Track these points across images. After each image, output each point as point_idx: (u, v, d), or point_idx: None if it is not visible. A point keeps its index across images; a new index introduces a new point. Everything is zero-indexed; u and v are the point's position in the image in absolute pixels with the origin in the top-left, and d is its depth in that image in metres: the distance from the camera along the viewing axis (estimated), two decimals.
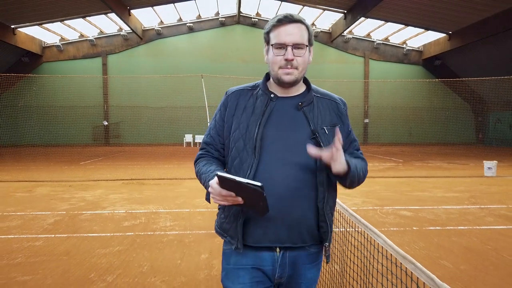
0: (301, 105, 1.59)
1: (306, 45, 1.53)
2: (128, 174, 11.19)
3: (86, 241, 4.88)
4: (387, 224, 5.70)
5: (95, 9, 20.63)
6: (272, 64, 1.56)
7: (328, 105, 1.66)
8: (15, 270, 3.89)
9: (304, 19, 1.56)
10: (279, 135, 1.53)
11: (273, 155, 1.51)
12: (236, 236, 1.53)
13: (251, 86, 1.69)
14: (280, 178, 1.48)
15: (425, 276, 1.37)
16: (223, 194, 1.31)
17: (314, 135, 1.54)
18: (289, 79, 1.54)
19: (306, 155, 1.47)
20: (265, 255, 1.55)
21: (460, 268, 3.96)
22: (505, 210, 6.63)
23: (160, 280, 3.65)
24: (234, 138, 1.58)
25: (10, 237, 5.04)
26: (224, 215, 1.62)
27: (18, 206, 6.96)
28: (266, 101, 1.58)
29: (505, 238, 5.00)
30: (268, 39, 1.58)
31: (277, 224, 1.50)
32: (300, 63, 1.53)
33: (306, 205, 1.52)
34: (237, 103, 1.64)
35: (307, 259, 1.61)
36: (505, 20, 18.13)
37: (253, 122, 1.55)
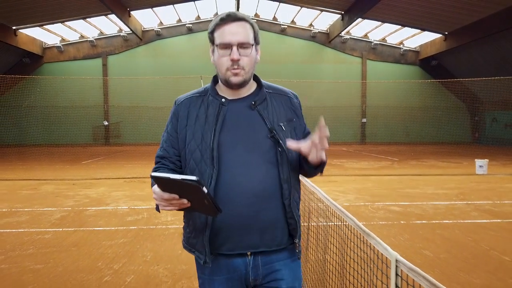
0: (254, 104, 1.56)
1: (251, 44, 1.50)
2: (129, 172, 11.50)
3: (92, 234, 5.20)
4: (376, 218, 6.01)
5: (95, 11, 20.91)
6: (218, 65, 1.52)
7: (281, 100, 1.64)
8: (28, 260, 4.20)
9: (248, 17, 1.52)
10: (237, 139, 1.50)
11: (234, 161, 1.48)
12: (204, 250, 1.49)
13: (200, 92, 1.65)
14: (246, 183, 1.46)
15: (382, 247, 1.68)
16: (166, 198, 1.25)
17: (271, 133, 1.51)
18: (237, 81, 1.50)
19: (267, 155, 1.50)
20: (237, 261, 1.53)
21: (440, 256, 4.28)
22: (490, 205, 6.96)
23: (162, 268, 3.96)
24: (190, 149, 1.53)
25: (20, 231, 5.36)
26: (189, 229, 1.59)
27: (25, 202, 7.28)
28: (218, 106, 1.54)
29: (486, 230, 5.33)
30: (213, 39, 1.53)
31: (248, 230, 1.48)
32: (247, 62, 1.49)
33: (274, 206, 1.50)
34: (188, 112, 1.59)
35: (282, 255, 1.58)
36: (499, 21, 18.46)
37: (208, 130, 1.51)
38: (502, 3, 17.43)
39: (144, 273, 3.83)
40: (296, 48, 26.39)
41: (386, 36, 26.43)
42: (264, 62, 25.15)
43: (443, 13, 19.92)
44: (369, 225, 5.61)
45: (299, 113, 1.68)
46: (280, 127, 1.54)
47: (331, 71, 26.83)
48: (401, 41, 26.92)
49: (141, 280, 3.65)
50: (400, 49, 27.20)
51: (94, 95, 25.31)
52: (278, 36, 26.18)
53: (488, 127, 26.47)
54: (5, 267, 3.98)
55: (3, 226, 5.60)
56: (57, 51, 25.30)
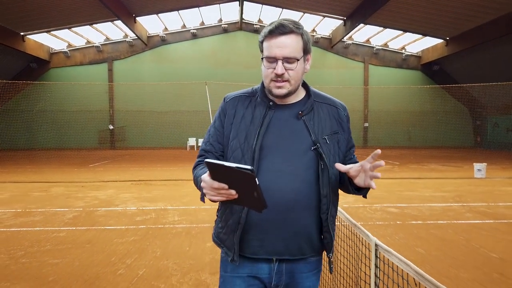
0: (301, 114, 1.55)
1: (297, 59, 1.48)
2: (136, 175, 11.81)
3: (104, 232, 5.50)
4: (373, 219, 6.28)
5: (101, 17, 21.35)
6: (264, 76, 1.54)
7: (328, 111, 1.62)
8: (46, 255, 4.51)
9: (298, 27, 1.50)
10: (278, 145, 1.50)
11: (271, 166, 1.48)
12: (233, 248, 1.52)
13: (249, 92, 1.65)
14: (277, 190, 1.45)
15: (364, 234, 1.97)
16: (215, 187, 1.24)
17: (315, 145, 1.50)
18: (279, 93, 1.50)
19: (305, 167, 1.49)
20: (261, 265, 1.55)
21: (432, 253, 4.55)
22: (485, 207, 7.21)
23: (171, 263, 4.25)
24: (232, 147, 1.55)
25: (36, 229, 5.67)
26: (222, 225, 1.60)
27: (37, 203, 7.59)
28: (265, 109, 1.55)
29: (478, 230, 5.59)
30: (262, 49, 1.53)
31: (274, 236, 1.48)
32: (292, 76, 1.49)
33: (306, 217, 1.50)
34: (235, 110, 1.60)
35: (305, 268, 1.58)
36: (499, 27, 18.71)
37: (252, 131, 1.52)
38: (502, 9, 17.71)
39: (154, 267, 4.12)
40: None
41: (388, 41, 26.74)
42: None
43: (444, 18, 20.21)
44: (366, 225, 5.88)
45: (345, 126, 1.64)
46: (324, 140, 1.53)
47: (334, 76, 27.15)
48: (403, 46, 27.21)
49: (152, 273, 3.95)
50: (402, 54, 27.51)
51: (100, 99, 25.73)
52: None
53: (490, 132, 26.65)
54: (26, 261, 4.29)
55: (19, 225, 5.91)
56: (63, 56, 25.76)
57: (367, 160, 1.39)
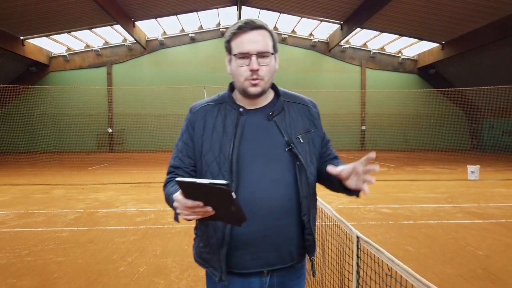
0: (271, 115, 1.51)
1: (271, 53, 1.46)
2: (135, 178, 11.98)
3: (106, 232, 5.68)
4: (366, 219, 6.48)
5: (101, 21, 21.55)
6: (236, 75, 1.47)
7: (299, 110, 1.58)
8: (50, 254, 4.69)
9: (267, 25, 1.48)
10: (255, 152, 1.45)
11: (252, 176, 1.42)
12: (219, 267, 1.44)
13: (215, 100, 1.58)
14: (264, 198, 1.40)
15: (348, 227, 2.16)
16: (190, 206, 1.15)
17: (289, 146, 1.46)
18: (255, 91, 1.45)
19: (285, 170, 1.45)
20: (253, 280, 1.49)
21: (420, 251, 4.75)
22: (475, 208, 7.42)
23: (171, 260, 4.44)
24: (206, 161, 1.47)
25: (39, 230, 5.84)
26: (203, 244, 1.52)
27: (39, 205, 7.76)
28: (236, 116, 1.49)
29: (467, 230, 5.79)
30: (230, 48, 1.48)
31: (265, 247, 1.44)
32: (266, 72, 1.45)
33: (291, 222, 1.47)
34: (204, 121, 1.52)
35: (294, 275, 1.57)
36: (493, 32, 18.97)
37: (226, 142, 1.45)
38: (496, 14, 17.97)
39: (154, 264, 4.30)
40: (296, 57, 26.97)
41: (384, 45, 27.00)
42: None
43: (439, 23, 20.48)
44: (359, 225, 6.08)
45: (317, 123, 1.62)
46: (297, 140, 1.49)
47: (331, 80, 27.38)
48: (399, 50, 27.47)
49: (152, 270, 4.13)
50: (398, 58, 27.77)
51: (99, 103, 25.89)
52: (279, 45, 25.44)
53: (486, 134, 26.89)
54: (31, 260, 4.47)
55: (22, 226, 6.09)
56: (63, 60, 25.94)
57: (360, 163, 1.34)
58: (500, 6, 16.96)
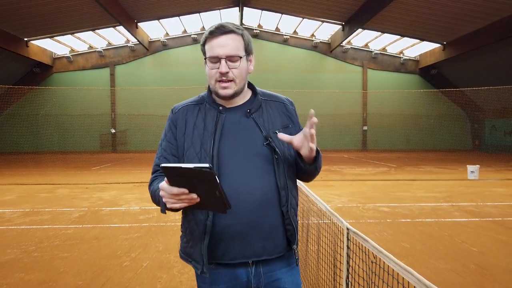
0: (249, 112, 1.58)
1: (240, 56, 1.51)
2: (138, 178, 12.13)
3: (110, 230, 5.83)
4: (365, 217, 6.61)
5: (104, 23, 21.75)
6: (208, 77, 1.55)
7: (276, 107, 1.66)
8: (56, 250, 4.83)
9: (238, 28, 1.53)
10: (235, 148, 1.52)
11: (233, 170, 1.48)
12: (201, 260, 1.48)
13: (196, 101, 1.66)
14: (245, 192, 1.46)
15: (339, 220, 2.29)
16: (175, 193, 1.21)
17: (267, 140, 1.53)
18: (226, 93, 1.52)
19: (265, 163, 1.51)
20: (239, 271, 1.53)
21: (416, 248, 4.87)
22: (473, 207, 7.53)
23: (173, 256, 4.58)
24: (188, 157, 1.53)
25: (45, 227, 6.00)
26: (187, 239, 1.58)
27: (44, 204, 7.92)
28: (216, 115, 1.57)
29: (463, 227, 5.91)
30: (204, 51, 1.55)
31: (250, 239, 1.48)
32: (237, 75, 1.51)
33: (273, 213, 1.51)
34: (185, 120, 1.60)
35: (281, 264, 1.59)
36: (494, 32, 19.05)
37: (207, 138, 1.52)
38: (497, 15, 18.05)
39: (157, 260, 4.45)
40: (298, 58, 27.12)
41: (386, 46, 27.08)
42: (267, 71, 26.08)
43: (440, 24, 20.57)
44: (357, 223, 6.20)
45: (294, 119, 1.68)
46: (275, 134, 1.55)
47: (333, 80, 27.49)
48: (401, 51, 27.55)
49: (155, 265, 4.28)
50: (400, 58, 27.85)
51: (102, 103, 26.08)
52: (281, 46, 26.94)
53: (488, 135, 26.92)
54: (37, 255, 4.62)
55: (29, 223, 6.25)
56: (66, 61, 26.17)
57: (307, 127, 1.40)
58: (501, 7, 17.05)
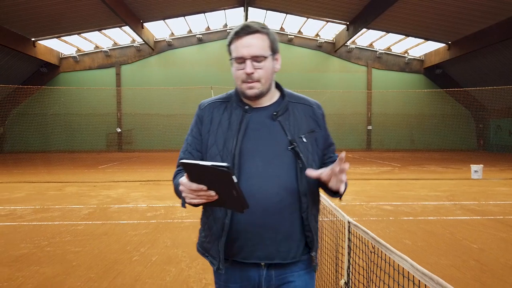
0: (275, 115, 1.56)
1: (266, 56, 1.50)
2: (144, 176, 12.31)
3: (119, 226, 5.98)
4: (368, 215, 6.72)
5: (110, 23, 22.00)
6: (235, 78, 1.55)
7: (303, 110, 1.63)
8: (68, 245, 4.99)
9: (264, 27, 1.52)
10: (258, 148, 1.51)
11: (253, 171, 1.48)
12: (218, 256, 1.50)
13: (224, 98, 1.66)
14: (263, 193, 1.45)
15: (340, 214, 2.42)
16: (194, 188, 1.23)
17: (291, 145, 1.51)
18: (252, 93, 1.52)
19: (286, 167, 1.49)
20: (251, 271, 1.54)
21: (417, 244, 4.99)
22: (475, 205, 7.62)
23: (181, 251, 4.72)
24: (211, 154, 1.54)
25: (56, 223, 6.16)
26: (205, 234, 1.59)
27: (54, 201, 8.10)
28: (241, 114, 1.56)
29: (464, 225, 6.01)
30: (230, 52, 1.56)
31: (264, 240, 1.48)
32: (262, 75, 1.50)
33: (291, 218, 1.50)
34: (211, 117, 1.61)
35: (296, 266, 1.58)
36: (500, 31, 19.06)
37: (230, 137, 1.52)
38: (502, 14, 18.07)
39: (166, 255, 4.59)
40: (303, 57, 27.23)
41: (391, 46, 27.15)
42: None
43: (445, 23, 20.60)
44: (360, 220, 6.31)
45: (321, 124, 1.65)
46: (300, 139, 1.54)
47: (337, 80, 27.59)
48: (405, 50, 27.59)
49: (164, 259, 4.42)
50: (404, 58, 27.90)
51: (108, 103, 26.37)
52: (285, 45, 27.03)
53: (493, 134, 26.89)
54: (50, 250, 4.77)
55: (40, 220, 6.42)
56: (73, 61, 26.46)
57: (336, 163, 1.37)
58: (506, 6, 17.07)
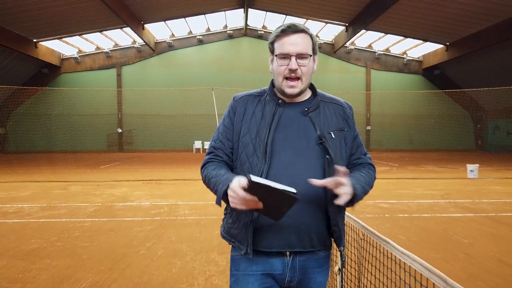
0: (307, 110, 1.62)
1: (310, 55, 1.56)
2: (147, 175, 12.53)
3: (124, 223, 6.21)
4: (365, 213, 6.95)
5: (111, 24, 22.23)
6: (276, 74, 1.60)
7: (334, 110, 1.68)
8: (77, 240, 5.22)
9: (308, 29, 1.58)
10: (288, 141, 1.56)
11: (283, 161, 1.52)
12: (246, 241, 1.52)
13: (258, 93, 1.71)
14: (291, 183, 1.40)
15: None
16: (247, 199, 1.27)
17: (320, 140, 1.55)
18: (292, 92, 1.58)
19: (315, 161, 1.54)
20: (275, 260, 1.56)
21: (411, 239, 5.22)
22: (469, 203, 7.85)
23: (185, 246, 4.95)
24: (243, 143, 1.59)
25: (63, 220, 6.39)
26: (232, 220, 1.62)
27: (59, 200, 8.32)
28: (275, 107, 1.62)
29: (457, 222, 6.24)
30: (273, 49, 1.61)
31: (287, 230, 1.51)
32: (305, 72, 1.56)
33: (316, 211, 1.53)
34: (245, 108, 1.65)
35: (317, 263, 1.61)
36: (497, 33, 19.30)
37: (263, 127, 1.57)
38: (499, 16, 18.31)
39: (171, 249, 4.82)
40: None
41: (389, 47, 27.39)
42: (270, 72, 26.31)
43: (443, 24, 20.85)
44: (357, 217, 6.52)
45: (351, 123, 1.71)
46: (329, 135, 1.58)
47: (337, 80, 27.83)
48: (404, 51, 27.83)
49: (169, 253, 4.65)
50: (403, 59, 28.15)
51: (109, 103, 26.62)
52: None
53: (491, 135, 27.11)
54: (60, 244, 5.00)
55: (48, 217, 6.64)
56: (74, 62, 26.69)
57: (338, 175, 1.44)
58: (503, 8, 17.31)
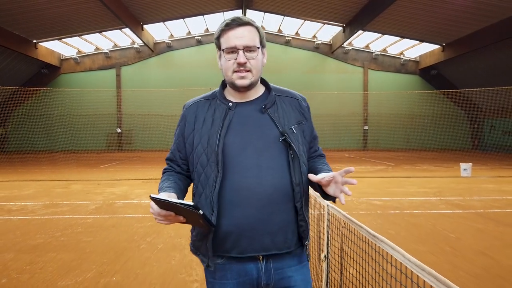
0: (265, 107, 1.56)
1: (257, 47, 1.52)
2: (146, 175, 12.75)
3: (125, 219, 6.44)
4: (358, 209, 7.19)
5: (110, 25, 22.41)
6: (225, 70, 1.54)
7: (290, 103, 1.64)
8: (80, 235, 5.44)
9: (253, 21, 1.53)
10: (246, 142, 1.50)
11: (244, 163, 1.48)
12: (207, 254, 1.50)
13: (208, 96, 1.65)
14: (256, 185, 1.45)
15: (321, 199, 2.87)
16: (163, 214, 1.31)
17: (283, 136, 1.51)
18: (243, 83, 1.51)
19: (278, 158, 1.50)
20: (249, 266, 1.52)
21: (400, 234, 5.45)
22: (459, 200, 8.09)
23: (184, 240, 5.18)
24: (197, 153, 1.54)
25: (66, 217, 6.61)
26: (195, 232, 1.59)
27: (61, 198, 8.54)
28: (225, 110, 1.55)
29: (446, 218, 6.48)
30: (219, 44, 1.55)
31: (260, 233, 1.47)
32: (254, 65, 1.51)
33: (286, 208, 1.50)
34: (195, 116, 1.60)
35: (292, 261, 1.57)
36: (492, 34, 19.53)
37: (213, 134, 1.51)
38: (495, 17, 18.53)
39: (170, 243, 5.04)
40: (300, 59, 27.71)
41: (386, 47, 27.63)
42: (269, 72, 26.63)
43: (440, 25, 21.07)
44: (349, 214, 6.75)
45: (307, 116, 1.68)
46: (291, 130, 1.55)
47: (334, 81, 28.06)
48: (401, 52, 28.06)
49: (169, 247, 4.87)
50: (400, 59, 28.37)
51: (108, 104, 26.81)
52: (283, 47, 27.53)
53: (487, 134, 27.36)
54: (64, 239, 5.22)
55: (51, 214, 6.86)
56: (73, 63, 26.88)
57: (340, 173, 1.41)
58: (499, 9, 17.54)
